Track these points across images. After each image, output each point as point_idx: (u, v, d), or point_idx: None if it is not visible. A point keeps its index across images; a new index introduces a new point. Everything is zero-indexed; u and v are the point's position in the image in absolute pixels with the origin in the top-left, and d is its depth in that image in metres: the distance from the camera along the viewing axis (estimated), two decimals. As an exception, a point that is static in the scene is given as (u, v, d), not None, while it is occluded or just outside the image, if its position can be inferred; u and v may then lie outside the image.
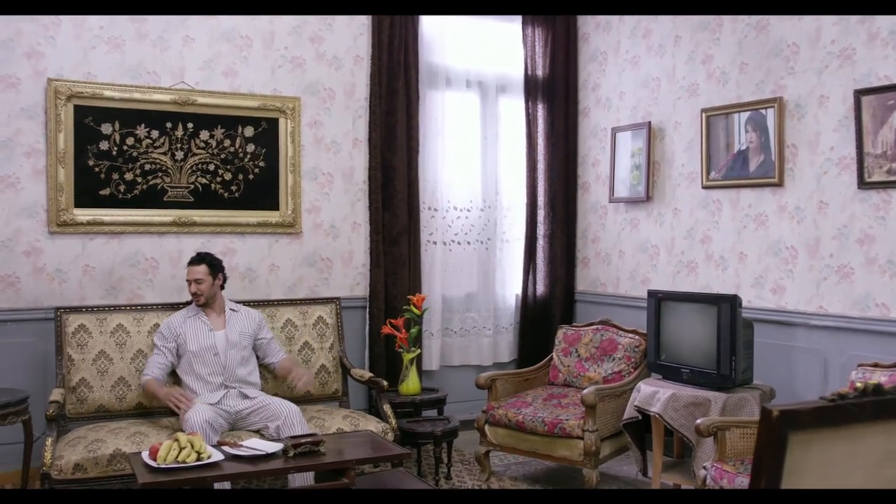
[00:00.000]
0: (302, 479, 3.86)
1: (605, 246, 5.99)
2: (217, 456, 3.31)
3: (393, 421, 4.46)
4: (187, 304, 4.57)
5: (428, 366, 5.77)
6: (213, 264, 4.42)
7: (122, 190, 4.87)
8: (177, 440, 3.24)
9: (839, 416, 1.82)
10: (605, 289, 5.99)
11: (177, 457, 3.19)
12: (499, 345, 6.11)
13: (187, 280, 4.41)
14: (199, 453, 3.23)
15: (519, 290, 6.13)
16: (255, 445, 3.46)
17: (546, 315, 6.11)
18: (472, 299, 6.02)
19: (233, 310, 4.47)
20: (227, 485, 3.66)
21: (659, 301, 4.51)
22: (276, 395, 4.57)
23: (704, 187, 5.11)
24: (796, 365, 4.55)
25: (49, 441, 3.76)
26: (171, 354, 4.31)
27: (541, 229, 6.14)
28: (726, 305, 4.08)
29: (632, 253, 5.73)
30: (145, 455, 3.26)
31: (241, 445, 3.45)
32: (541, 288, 6.14)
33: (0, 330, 4.56)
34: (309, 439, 3.41)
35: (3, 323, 4.58)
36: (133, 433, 3.96)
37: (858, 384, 1.87)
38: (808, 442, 1.82)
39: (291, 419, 4.00)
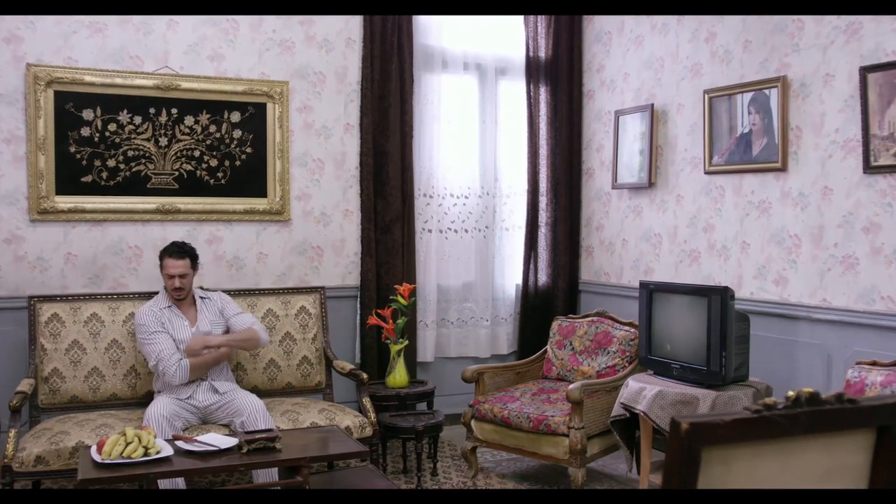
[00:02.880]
0: (266, 475, 3.74)
1: (608, 234, 5.76)
2: (168, 451, 3.20)
3: (372, 415, 4.31)
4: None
5: (423, 357, 5.61)
6: (194, 256, 4.27)
7: (104, 177, 4.79)
8: (123, 434, 3.14)
9: (766, 430, 1.61)
10: (608, 279, 5.77)
11: (122, 452, 3.08)
12: (497, 336, 5.92)
13: (169, 274, 4.17)
14: (146, 448, 3.12)
15: (519, 280, 5.93)
16: (211, 441, 3.34)
17: (548, 306, 5.90)
18: (470, 289, 5.83)
19: (202, 297, 4.33)
20: (180, 482, 3.55)
21: (651, 293, 4.28)
22: (254, 388, 4.47)
23: (707, 172, 4.85)
24: (799, 361, 4.29)
25: (12, 432, 3.68)
26: (169, 336, 4.09)
27: (543, 217, 5.92)
28: (717, 298, 3.84)
29: (635, 242, 5.49)
30: (94, 449, 3.16)
31: (196, 440, 3.33)
32: (543, 278, 5.94)
33: (-20, 318, 4.53)
34: (263, 435, 3.28)
35: (-17, 311, 4.55)
36: (99, 425, 3.87)
37: (790, 393, 1.66)
38: (729, 458, 1.62)
39: (255, 414, 3.87)
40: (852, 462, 1.74)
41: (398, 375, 4.87)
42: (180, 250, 4.22)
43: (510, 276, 5.98)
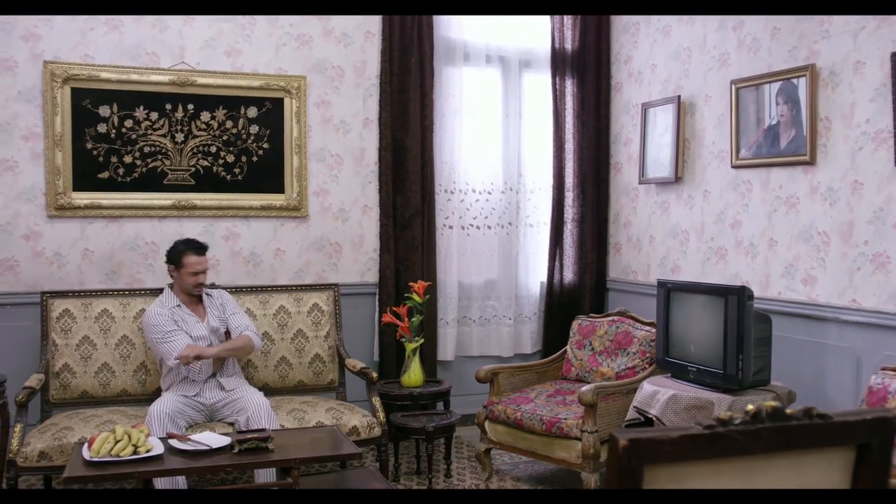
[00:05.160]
0: (265, 475, 3.69)
1: (636, 231, 5.57)
2: (158, 450, 3.16)
3: (381, 415, 4.23)
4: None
5: (443, 356, 5.51)
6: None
7: (121, 173, 4.81)
8: (113, 432, 3.11)
9: (722, 447, 1.47)
10: (635, 276, 5.58)
11: (111, 450, 3.05)
12: (521, 335, 5.78)
13: (193, 272, 4.13)
14: (135, 447, 3.09)
15: (544, 278, 5.78)
16: (204, 440, 3.30)
17: (574, 304, 5.73)
18: (493, 286, 5.71)
19: (208, 294, 4.31)
20: (181, 481, 3.52)
21: (668, 292, 4.10)
22: (265, 385, 4.43)
23: (734, 166, 4.64)
24: (827, 364, 4.07)
25: (18, 427, 3.70)
26: (186, 334, 4.07)
27: (569, 213, 5.76)
28: (733, 298, 3.65)
29: (662, 238, 5.30)
30: (85, 447, 3.15)
31: (189, 440, 3.29)
32: (569, 275, 5.78)
33: (-1, 313, 4.59)
34: (255, 435, 3.22)
35: (1, 307, 4.59)
36: (104, 422, 3.87)
37: (749, 407, 1.51)
38: (681, 476, 1.48)
39: (258, 412, 3.82)
40: (827, 482, 1.58)
41: (413, 374, 4.78)
42: (202, 247, 4.22)
43: (534, 274, 5.83)
